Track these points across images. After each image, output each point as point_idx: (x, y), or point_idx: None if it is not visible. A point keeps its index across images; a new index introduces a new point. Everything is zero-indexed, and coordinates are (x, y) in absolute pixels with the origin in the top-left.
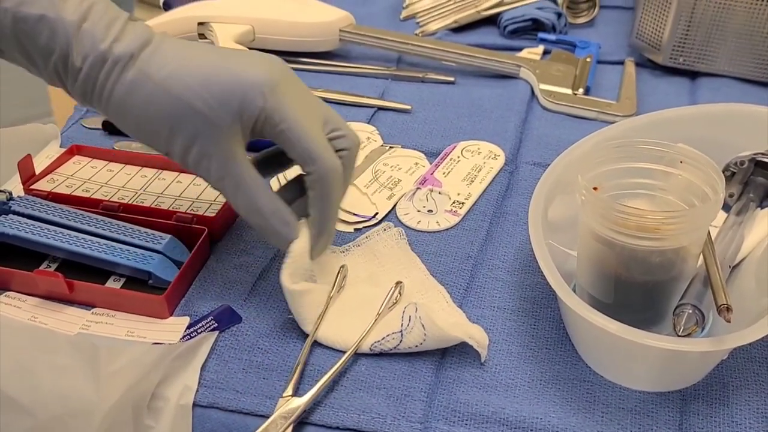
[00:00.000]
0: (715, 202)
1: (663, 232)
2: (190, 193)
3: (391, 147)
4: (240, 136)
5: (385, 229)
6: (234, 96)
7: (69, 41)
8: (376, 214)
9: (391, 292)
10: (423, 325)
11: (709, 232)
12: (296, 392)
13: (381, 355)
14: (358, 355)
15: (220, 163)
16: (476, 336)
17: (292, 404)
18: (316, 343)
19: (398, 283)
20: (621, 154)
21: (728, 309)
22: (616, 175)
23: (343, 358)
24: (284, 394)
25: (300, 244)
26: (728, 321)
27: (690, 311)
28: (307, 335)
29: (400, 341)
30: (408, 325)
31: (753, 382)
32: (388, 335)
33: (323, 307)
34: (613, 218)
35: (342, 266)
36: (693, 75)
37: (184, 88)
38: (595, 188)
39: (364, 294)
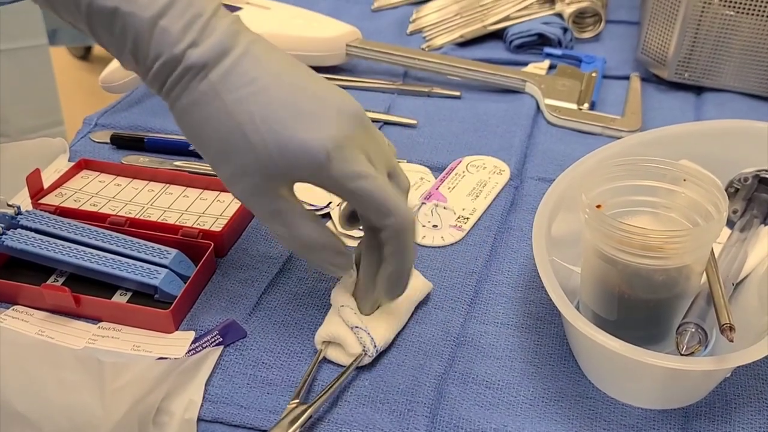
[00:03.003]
0: (718, 221)
1: (666, 251)
2: (196, 207)
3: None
4: (292, 181)
5: None
6: (289, 151)
7: (140, 38)
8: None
9: None
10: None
11: (712, 249)
12: (304, 400)
13: (384, 370)
14: (361, 370)
15: (269, 200)
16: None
17: (299, 410)
18: (324, 359)
19: None
20: (624, 172)
21: (731, 329)
22: (620, 192)
23: (349, 366)
24: (292, 401)
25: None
26: (731, 341)
27: (693, 330)
28: (315, 351)
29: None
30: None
31: (756, 399)
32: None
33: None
34: (617, 237)
35: None
36: (698, 90)
37: (248, 119)
38: (598, 206)
39: None
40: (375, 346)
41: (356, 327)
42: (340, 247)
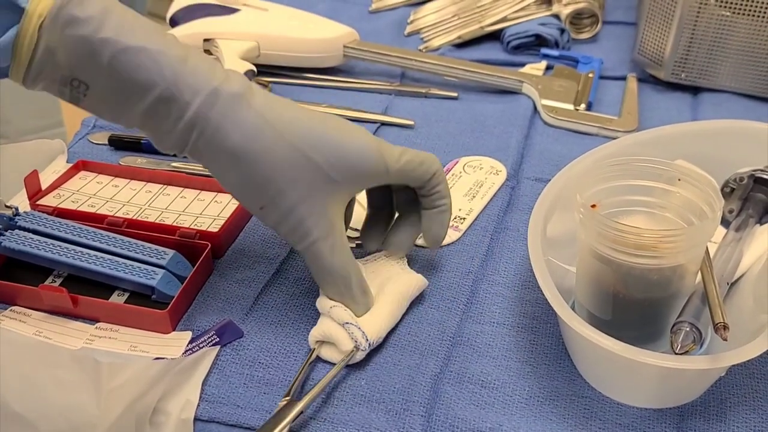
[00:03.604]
0: (712, 220)
1: (661, 250)
2: (193, 208)
3: None
4: (348, 196)
5: (386, 256)
6: (349, 151)
7: (175, 74)
8: None
9: None
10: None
11: (707, 248)
12: (296, 398)
13: (380, 369)
14: (357, 370)
15: (326, 222)
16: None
17: (289, 407)
18: (318, 358)
19: None
20: (619, 172)
21: (725, 327)
22: (615, 192)
23: (341, 363)
24: (283, 398)
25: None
26: (725, 339)
27: (687, 329)
28: (310, 349)
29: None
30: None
31: (751, 398)
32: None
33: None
34: (611, 236)
35: None
36: (695, 90)
37: (301, 139)
38: (593, 205)
39: None
40: (367, 340)
41: (347, 323)
42: (366, 286)
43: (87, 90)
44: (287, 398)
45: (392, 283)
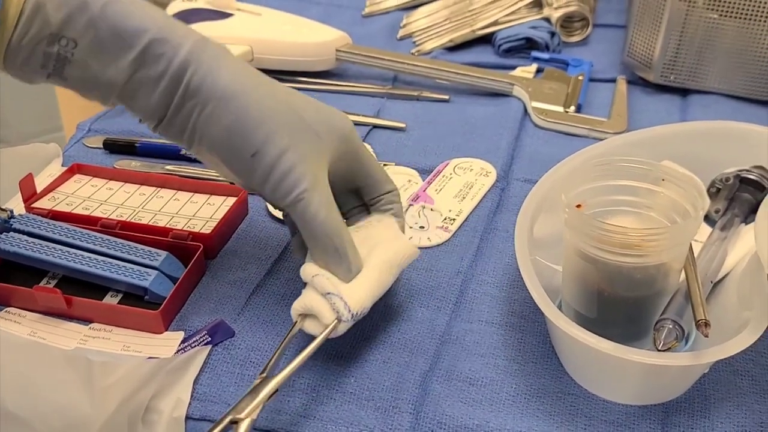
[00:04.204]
0: (695, 219)
1: (644, 249)
2: (186, 210)
3: (385, 165)
4: (329, 156)
5: (379, 221)
6: (334, 124)
7: (166, 20)
8: None
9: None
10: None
11: (691, 247)
12: (271, 374)
13: (370, 367)
14: (346, 367)
15: (314, 174)
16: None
17: (265, 382)
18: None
19: None
20: (605, 172)
21: (706, 324)
22: (600, 192)
23: (321, 336)
24: (258, 376)
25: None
26: (706, 336)
27: (670, 326)
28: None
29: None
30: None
31: (735, 395)
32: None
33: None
34: (596, 235)
35: None
36: (684, 92)
37: (285, 93)
38: (578, 205)
39: None
40: (350, 311)
41: (329, 293)
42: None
43: (75, 48)
44: (262, 375)
45: (381, 249)
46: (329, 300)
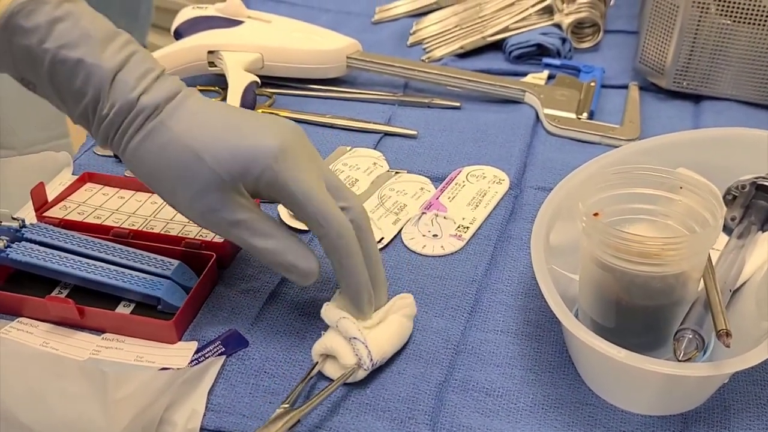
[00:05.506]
0: (714, 228)
1: (663, 258)
2: None
3: (397, 172)
4: (243, 190)
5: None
6: (240, 155)
7: (102, 88)
8: (382, 239)
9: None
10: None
11: (709, 256)
12: (295, 406)
13: (385, 378)
14: (362, 379)
15: (228, 213)
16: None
17: (286, 415)
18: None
19: None
20: (621, 180)
21: (728, 334)
22: (617, 200)
23: (340, 378)
24: (282, 405)
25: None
26: (727, 346)
27: (690, 336)
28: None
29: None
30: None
31: (755, 405)
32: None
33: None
34: (614, 244)
35: None
36: (696, 99)
37: (195, 140)
38: (596, 214)
39: None
40: (371, 359)
41: (354, 338)
42: (304, 251)
43: (35, 88)
44: (285, 405)
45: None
46: (353, 344)
